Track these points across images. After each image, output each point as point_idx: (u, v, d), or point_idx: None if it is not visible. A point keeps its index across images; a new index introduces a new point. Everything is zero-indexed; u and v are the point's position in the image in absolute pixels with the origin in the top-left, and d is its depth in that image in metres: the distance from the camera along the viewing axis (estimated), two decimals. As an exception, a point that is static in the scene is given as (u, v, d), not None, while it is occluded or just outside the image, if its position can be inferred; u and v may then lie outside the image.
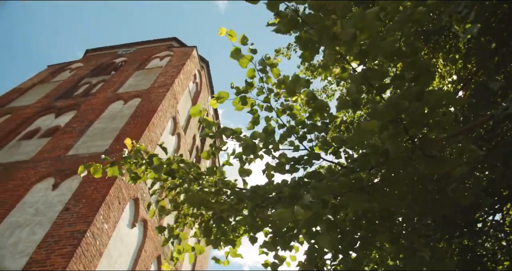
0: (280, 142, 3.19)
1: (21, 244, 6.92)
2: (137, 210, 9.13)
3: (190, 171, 3.00)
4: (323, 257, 2.95)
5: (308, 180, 3.00)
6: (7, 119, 12.93)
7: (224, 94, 3.30)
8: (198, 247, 2.97)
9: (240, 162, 3.16)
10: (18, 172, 9.29)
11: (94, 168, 3.17)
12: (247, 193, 2.75)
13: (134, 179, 3.18)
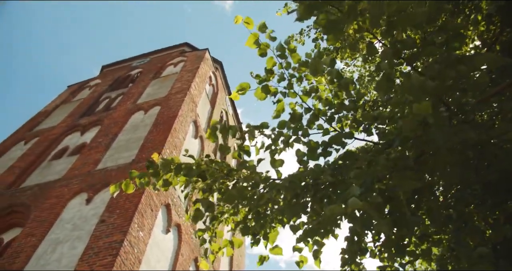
0: (308, 127, 3.09)
1: (64, 259, 7.06)
2: (169, 216, 9.19)
3: (222, 169, 2.93)
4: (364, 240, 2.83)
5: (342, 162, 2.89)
6: (36, 142, 13.30)
7: (245, 85, 3.22)
8: (237, 241, 2.91)
9: (270, 154, 3.07)
10: (53, 191, 9.51)
11: (125, 184, 3.13)
12: (284, 184, 2.65)
13: (165, 185, 3.13)
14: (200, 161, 2.98)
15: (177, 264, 8.82)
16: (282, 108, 3.23)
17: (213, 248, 2.89)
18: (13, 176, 11.12)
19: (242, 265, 15.59)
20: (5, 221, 9.51)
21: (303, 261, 2.90)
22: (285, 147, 3.03)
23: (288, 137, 3.04)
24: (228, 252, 2.94)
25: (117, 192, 3.12)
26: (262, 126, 3.03)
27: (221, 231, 2.99)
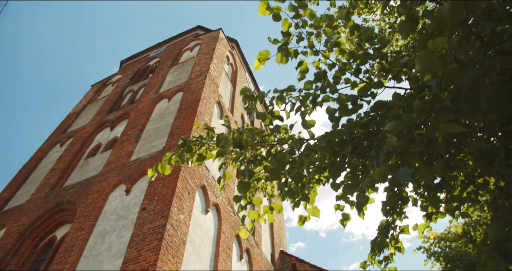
0: (335, 83, 2.97)
1: (114, 247, 7.34)
2: (206, 197, 9.35)
3: (256, 136, 2.88)
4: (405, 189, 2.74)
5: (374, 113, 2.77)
6: (71, 143, 13.73)
7: (265, 53, 3.12)
8: (277, 206, 2.87)
9: (301, 115, 2.99)
10: (93, 186, 9.83)
11: (161, 166, 3.12)
12: (321, 144, 2.57)
13: (199, 160, 3.10)
14: (235, 130, 2.94)
15: (220, 242, 9.03)
16: (305, 69, 3.12)
17: (251, 216, 2.88)
18: (55, 178, 11.58)
19: (283, 237, 15.80)
20: (55, 220, 9.97)
21: (346, 219, 2.84)
22: (315, 107, 2.94)
23: (316, 96, 2.95)
24: (270, 219, 2.92)
25: (155, 176, 3.14)
26: (290, 89, 2.95)
27: (259, 198, 2.96)
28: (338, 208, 2.88)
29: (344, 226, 2.85)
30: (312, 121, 2.82)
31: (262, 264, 11.53)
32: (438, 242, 8.97)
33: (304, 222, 2.85)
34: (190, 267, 7.41)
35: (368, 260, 2.71)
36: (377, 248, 2.65)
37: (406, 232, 2.79)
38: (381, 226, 2.71)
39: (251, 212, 2.86)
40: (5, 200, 12.06)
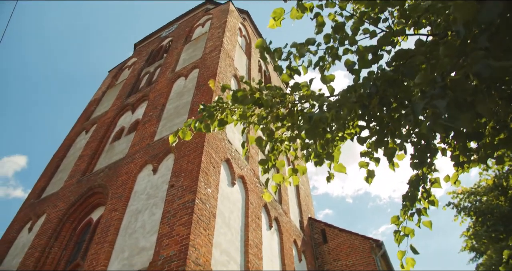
0: (354, 34, 2.81)
1: (147, 225, 7.55)
2: (231, 169, 9.41)
3: (275, 94, 2.78)
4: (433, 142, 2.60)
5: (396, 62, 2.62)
6: (95, 129, 14.00)
7: (279, 11, 2.97)
8: (301, 168, 2.81)
9: (320, 70, 2.87)
10: (121, 168, 10.05)
11: (182, 132, 3.08)
12: (350, 98, 2.46)
13: (220, 125, 3.04)
14: (254, 88, 2.85)
15: (249, 212, 9.15)
16: (322, 22, 2.96)
17: (275, 179, 2.82)
18: (85, 163, 11.89)
19: (310, 204, 15.89)
20: (90, 203, 10.32)
21: (371, 176, 2.75)
22: (334, 60, 2.81)
23: (335, 49, 2.81)
24: (295, 181, 2.86)
25: (176, 141, 3.11)
26: (308, 43, 2.81)
27: (282, 161, 2.90)
28: (363, 166, 2.80)
29: (369, 183, 2.77)
30: (331, 76, 2.70)
31: (291, 231, 11.67)
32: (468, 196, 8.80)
33: (329, 180, 2.78)
34: (222, 238, 7.56)
35: (400, 215, 2.63)
36: (409, 202, 2.56)
37: (437, 185, 2.69)
38: (411, 180, 2.61)
39: (275, 175, 2.81)
40: (41, 188, 12.55)
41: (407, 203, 2.58)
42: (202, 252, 6.64)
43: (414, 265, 2.59)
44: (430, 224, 2.61)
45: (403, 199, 2.61)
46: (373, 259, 11.55)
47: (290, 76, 2.88)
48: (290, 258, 10.55)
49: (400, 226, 2.61)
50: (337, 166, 2.69)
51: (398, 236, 2.58)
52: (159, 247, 6.74)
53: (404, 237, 2.63)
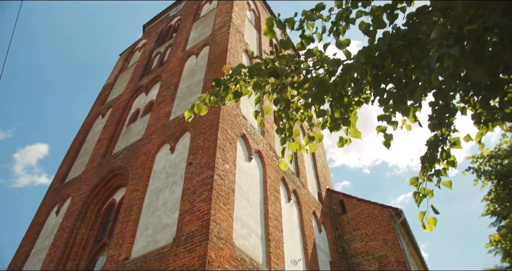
0: None
1: (168, 202, 7.71)
2: (248, 145, 9.45)
3: (289, 63, 2.73)
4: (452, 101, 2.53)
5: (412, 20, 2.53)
6: (111, 112, 14.17)
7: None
8: (317, 135, 2.79)
9: (334, 35, 2.80)
10: (139, 149, 10.21)
11: (197, 107, 3.08)
12: (360, 59, 2.40)
13: (235, 97, 3.02)
14: (268, 59, 2.81)
15: (267, 186, 9.24)
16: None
17: (292, 147, 2.82)
18: (104, 147, 12.11)
19: (328, 176, 15.92)
20: (112, 185, 10.57)
21: (389, 139, 2.71)
22: (348, 24, 2.73)
23: (349, 12, 2.72)
24: (311, 148, 2.85)
25: (191, 117, 3.12)
26: (318, 8, 2.73)
27: (297, 130, 2.88)
28: (380, 130, 2.76)
29: (388, 148, 2.74)
30: (346, 40, 2.63)
31: (310, 203, 11.77)
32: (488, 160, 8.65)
33: (343, 144, 2.76)
34: (242, 212, 7.69)
35: (419, 177, 2.61)
36: (428, 163, 2.53)
37: (457, 146, 2.63)
38: (430, 141, 2.57)
39: (291, 143, 2.80)
40: (64, 173, 12.89)
41: (426, 165, 2.55)
42: (224, 226, 6.77)
43: (436, 224, 2.58)
44: (450, 184, 2.58)
45: (422, 161, 2.58)
46: (392, 227, 11.61)
47: (304, 44, 2.82)
48: (310, 229, 10.69)
49: (419, 187, 2.59)
50: (353, 131, 2.66)
51: (417, 197, 2.56)
52: (181, 223, 6.90)
53: (423, 198, 2.61)
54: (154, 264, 6.59)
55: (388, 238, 11.43)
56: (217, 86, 2.97)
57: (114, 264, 7.33)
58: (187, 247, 6.37)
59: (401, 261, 10.81)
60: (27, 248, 10.53)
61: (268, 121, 11.58)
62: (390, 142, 2.73)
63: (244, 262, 6.86)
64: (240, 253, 6.87)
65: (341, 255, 12.04)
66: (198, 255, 6.07)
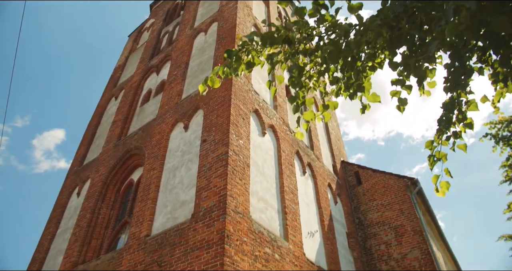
0: None
1: (185, 180, 7.84)
2: (261, 120, 9.45)
3: (302, 29, 2.68)
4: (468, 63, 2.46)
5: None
6: (124, 94, 14.26)
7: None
8: (332, 103, 2.77)
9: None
10: (154, 129, 10.32)
11: (210, 80, 3.07)
12: (374, 21, 2.34)
13: (248, 67, 2.99)
14: (280, 26, 2.76)
15: (281, 160, 9.29)
16: None
17: (306, 116, 2.80)
18: (119, 128, 12.27)
19: (342, 148, 15.88)
20: (129, 165, 10.77)
21: (404, 104, 2.68)
22: None
23: None
24: (326, 117, 2.83)
25: (206, 90, 3.12)
26: None
27: (311, 98, 2.86)
28: (394, 94, 2.71)
29: (402, 112, 2.70)
30: (358, 3, 2.56)
31: (325, 175, 11.82)
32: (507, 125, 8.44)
33: (364, 110, 2.74)
34: (258, 187, 7.78)
35: (434, 140, 2.58)
36: (443, 125, 2.49)
37: (473, 108, 2.58)
38: (445, 103, 2.52)
39: (306, 112, 2.78)
40: (82, 156, 13.16)
41: (441, 127, 2.51)
42: (240, 200, 6.88)
43: (449, 188, 2.57)
44: (465, 147, 2.54)
45: (438, 123, 2.54)
46: (408, 196, 11.61)
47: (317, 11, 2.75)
48: (325, 201, 10.78)
49: (434, 151, 2.57)
50: (370, 96, 2.62)
51: (431, 161, 2.54)
52: (199, 199, 7.03)
53: (437, 162, 2.59)
54: (174, 240, 6.77)
55: (404, 208, 11.47)
56: (229, 57, 2.95)
57: (136, 241, 7.56)
58: (205, 222, 6.51)
59: (417, 229, 10.87)
60: (53, 229, 10.91)
61: (281, 95, 11.51)
62: (405, 107, 2.69)
63: (262, 235, 6.99)
64: (258, 226, 6.99)
65: (357, 226, 12.16)
66: (216, 230, 6.20)
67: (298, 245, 8.05)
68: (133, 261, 7.24)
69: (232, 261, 5.84)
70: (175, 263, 6.37)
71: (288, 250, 7.59)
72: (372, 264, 11.08)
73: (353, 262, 10.70)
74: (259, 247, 6.72)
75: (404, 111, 2.65)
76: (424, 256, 10.32)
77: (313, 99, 2.91)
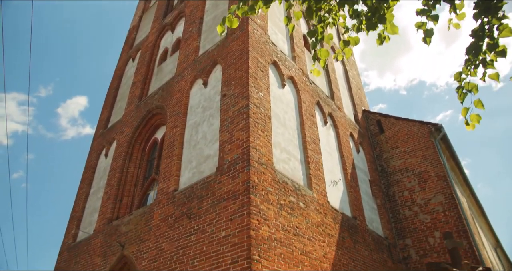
0: None
1: (208, 134, 7.96)
2: (279, 71, 9.32)
3: None
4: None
5: None
6: (141, 55, 14.21)
7: None
8: (353, 39, 2.68)
9: None
10: (174, 87, 10.35)
11: (228, 20, 2.99)
12: None
13: (265, 3, 2.88)
14: None
15: (302, 111, 9.25)
16: None
17: (323, 55, 2.72)
18: (139, 89, 12.36)
19: (363, 97, 15.63)
20: (152, 124, 10.96)
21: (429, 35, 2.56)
22: None
23: None
24: (347, 53, 2.76)
25: (225, 32, 3.07)
26: None
27: (330, 34, 2.77)
28: (419, 26, 2.59)
29: (428, 44, 2.59)
30: None
31: (346, 125, 11.77)
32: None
33: (383, 42, 2.64)
34: (280, 138, 7.83)
35: (463, 71, 2.48)
36: (473, 55, 2.38)
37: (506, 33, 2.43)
38: (475, 30, 2.39)
39: (321, 50, 2.71)
40: (106, 119, 13.44)
41: (470, 57, 2.40)
42: (263, 152, 6.96)
43: (480, 121, 2.51)
44: (497, 76, 2.44)
45: (467, 52, 2.43)
46: (432, 143, 11.49)
47: None
48: (347, 150, 10.81)
49: (462, 82, 2.48)
50: (390, 27, 2.51)
51: (460, 93, 2.47)
52: (223, 153, 7.16)
53: (466, 94, 2.51)
54: (201, 193, 7.00)
55: (428, 154, 11.40)
56: None
57: (165, 196, 7.86)
58: (230, 174, 6.66)
59: (441, 175, 10.85)
60: (86, 190, 11.43)
61: (298, 46, 11.23)
62: (431, 39, 2.58)
63: (286, 184, 7.13)
64: (282, 177, 7.12)
65: (380, 174, 12.23)
66: (242, 181, 6.35)
67: (322, 193, 8.21)
68: (164, 214, 7.57)
69: (258, 210, 6.04)
70: (204, 215, 6.63)
71: (312, 198, 7.76)
72: (396, 210, 11.25)
73: (377, 209, 10.89)
74: (283, 196, 6.88)
75: (431, 43, 2.54)
76: (448, 201, 10.38)
77: (331, 36, 2.81)
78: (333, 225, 8.03)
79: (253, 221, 5.79)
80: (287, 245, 6.28)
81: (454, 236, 8.25)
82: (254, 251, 5.47)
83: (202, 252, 6.18)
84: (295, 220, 6.84)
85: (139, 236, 7.85)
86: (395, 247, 10.49)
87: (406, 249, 10.52)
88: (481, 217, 16.48)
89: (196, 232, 6.54)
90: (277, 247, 6.00)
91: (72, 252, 9.96)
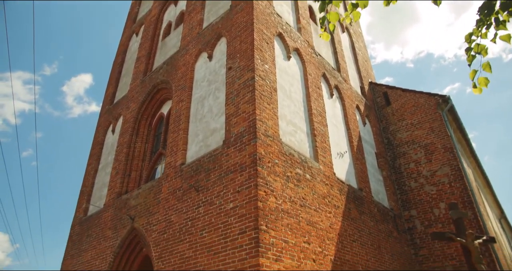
0: None
1: (214, 108, 7.96)
2: (285, 43, 9.18)
3: None
4: None
5: None
6: (144, 29, 14.05)
7: None
8: (362, 2, 2.61)
9: None
10: (178, 62, 10.28)
11: None
12: None
13: None
14: None
15: (308, 83, 9.18)
16: None
17: (331, 17, 2.67)
18: (143, 64, 12.29)
19: (370, 69, 15.43)
20: (157, 99, 10.96)
21: None
22: None
23: None
24: (355, 16, 2.70)
25: None
26: None
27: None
28: None
29: (438, 5, 2.53)
30: None
31: (353, 97, 11.69)
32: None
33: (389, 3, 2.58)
34: (286, 110, 7.81)
35: (473, 33, 2.43)
36: (485, 14, 2.32)
37: (519, -7, 2.36)
38: (488, -10, 2.32)
39: (331, 13, 2.66)
40: (112, 95, 13.45)
41: (482, 17, 2.34)
42: (270, 124, 6.97)
43: (488, 84, 2.48)
44: (508, 37, 2.38)
45: (478, 12, 2.37)
46: (439, 114, 11.41)
47: None
48: (354, 122, 10.78)
49: (472, 44, 2.44)
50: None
51: (469, 55, 2.43)
52: (229, 125, 7.17)
53: (475, 56, 2.47)
54: (208, 165, 7.07)
55: (435, 126, 11.34)
56: None
57: (173, 170, 7.95)
58: (237, 147, 6.70)
59: (448, 147, 10.84)
60: (95, 165, 11.58)
61: (304, 17, 11.00)
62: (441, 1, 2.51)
63: (293, 156, 7.17)
64: (288, 149, 7.15)
65: (386, 146, 12.24)
66: (248, 153, 6.39)
67: (328, 165, 8.26)
68: (172, 187, 7.69)
69: (265, 182, 6.10)
70: (211, 187, 6.72)
71: (319, 170, 7.82)
72: (402, 182, 11.32)
73: (383, 181, 10.96)
74: (290, 168, 6.94)
75: (441, 4, 2.47)
76: (454, 172, 10.41)
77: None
78: (339, 197, 8.12)
79: (260, 192, 5.86)
80: (294, 216, 6.38)
81: (459, 207, 8.32)
82: (261, 222, 5.57)
83: (211, 223, 6.30)
84: (301, 192, 6.92)
85: (148, 209, 8.01)
86: (400, 218, 10.62)
87: (411, 220, 10.66)
88: (487, 188, 16.55)
89: (204, 204, 6.66)
90: (284, 218, 6.10)
91: (84, 226, 10.22)
